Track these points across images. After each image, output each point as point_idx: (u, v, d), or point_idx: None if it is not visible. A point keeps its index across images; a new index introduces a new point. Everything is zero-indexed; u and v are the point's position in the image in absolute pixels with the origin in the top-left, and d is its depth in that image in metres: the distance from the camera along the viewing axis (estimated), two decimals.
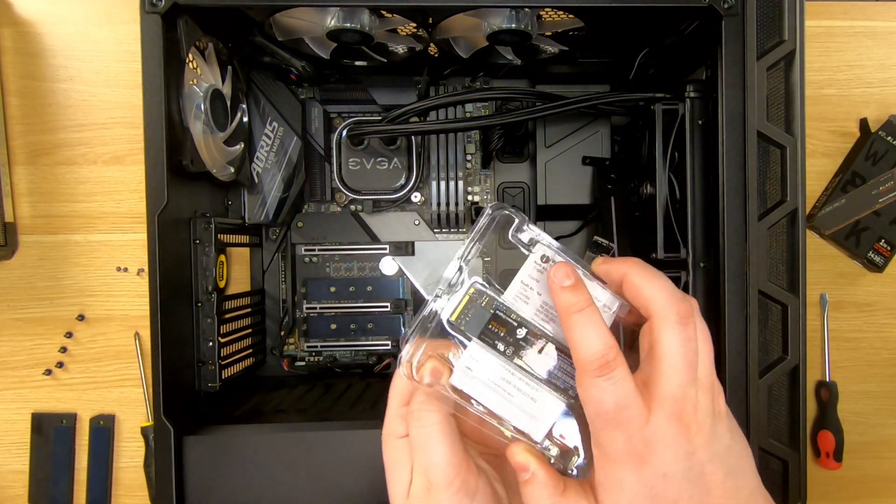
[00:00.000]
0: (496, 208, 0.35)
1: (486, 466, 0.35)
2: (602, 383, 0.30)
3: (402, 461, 0.34)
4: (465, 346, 0.34)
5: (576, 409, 0.33)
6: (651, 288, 0.32)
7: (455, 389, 0.33)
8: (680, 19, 0.51)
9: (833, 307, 0.72)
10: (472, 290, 0.34)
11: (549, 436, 0.33)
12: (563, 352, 0.34)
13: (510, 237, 0.35)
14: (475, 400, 0.33)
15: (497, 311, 0.34)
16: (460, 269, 0.34)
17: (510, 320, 0.34)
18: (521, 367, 0.33)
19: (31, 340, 0.68)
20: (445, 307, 0.34)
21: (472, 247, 0.34)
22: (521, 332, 0.34)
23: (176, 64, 0.48)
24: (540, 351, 0.33)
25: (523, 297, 0.34)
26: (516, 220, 0.35)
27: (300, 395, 0.60)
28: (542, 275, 0.34)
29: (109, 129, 0.68)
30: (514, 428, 0.33)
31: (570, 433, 0.34)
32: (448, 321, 0.34)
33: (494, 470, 0.36)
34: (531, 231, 0.35)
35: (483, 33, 0.53)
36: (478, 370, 0.33)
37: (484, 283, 0.34)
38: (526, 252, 0.34)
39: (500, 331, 0.34)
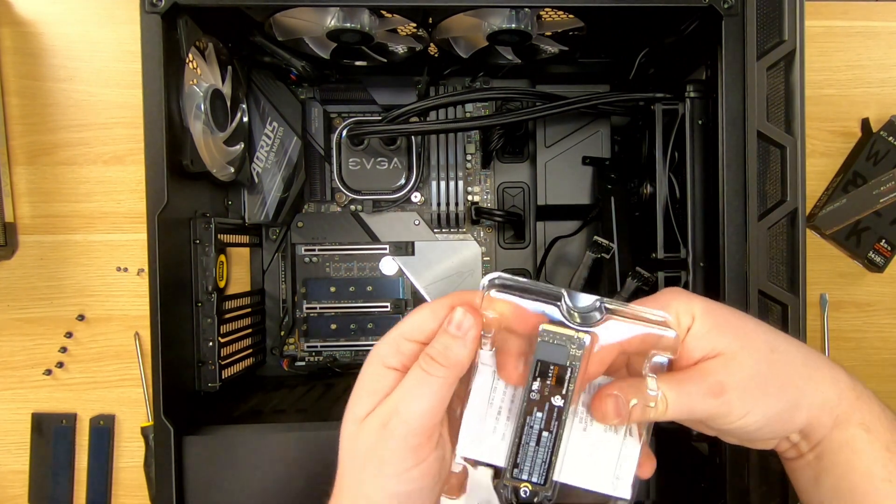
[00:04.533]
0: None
1: (446, 438, 0.34)
2: None
3: (376, 389, 0.33)
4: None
5: None
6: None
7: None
8: (680, 19, 0.51)
9: (833, 307, 0.72)
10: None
11: None
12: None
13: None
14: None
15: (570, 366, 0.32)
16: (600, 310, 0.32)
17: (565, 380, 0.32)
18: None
19: (31, 340, 0.68)
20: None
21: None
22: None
23: (176, 64, 0.48)
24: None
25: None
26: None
27: (300, 395, 0.60)
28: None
29: (109, 129, 0.68)
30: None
31: None
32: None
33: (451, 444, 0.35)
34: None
35: (483, 33, 0.53)
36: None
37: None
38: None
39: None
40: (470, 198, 0.68)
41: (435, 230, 0.68)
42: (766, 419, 0.33)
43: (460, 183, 0.67)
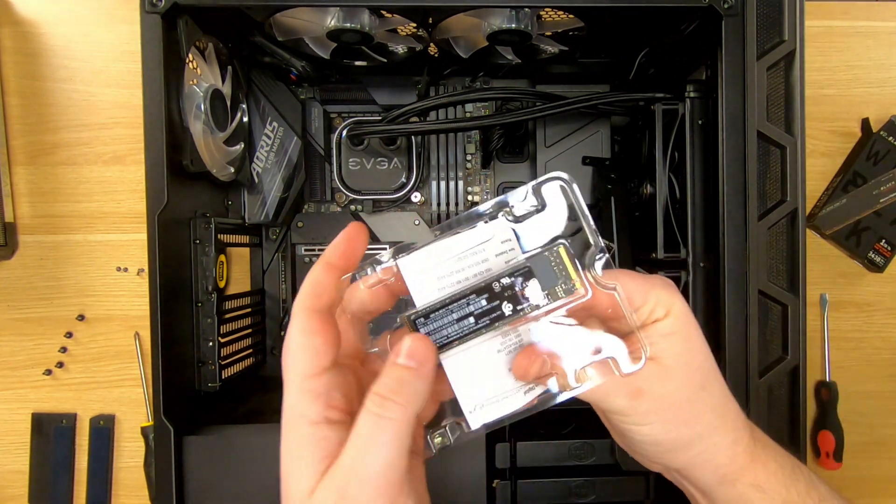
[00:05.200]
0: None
1: (416, 473, 0.30)
2: None
3: (309, 454, 0.28)
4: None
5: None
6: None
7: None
8: (680, 19, 0.51)
9: (833, 307, 0.72)
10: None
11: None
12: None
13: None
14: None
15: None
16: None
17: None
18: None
19: (31, 340, 0.68)
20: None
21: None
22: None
23: (176, 64, 0.48)
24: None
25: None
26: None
27: None
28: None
29: (109, 129, 0.68)
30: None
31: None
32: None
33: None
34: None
35: (483, 33, 0.53)
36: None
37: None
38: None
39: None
40: (470, 198, 0.68)
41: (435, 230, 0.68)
42: (657, 440, 0.33)
43: (460, 183, 0.67)
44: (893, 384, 0.72)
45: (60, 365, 0.68)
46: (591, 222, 0.31)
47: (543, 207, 0.31)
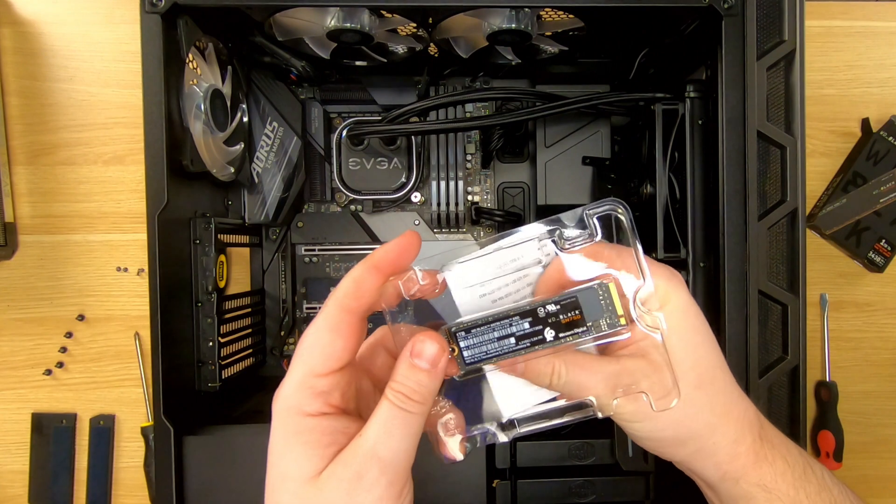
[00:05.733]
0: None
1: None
2: None
3: (313, 440, 0.28)
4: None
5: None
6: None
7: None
8: (680, 19, 0.51)
9: (833, 307, 0.72)
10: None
11: None
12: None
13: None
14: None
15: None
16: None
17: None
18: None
19: (31, 340, 0.68)
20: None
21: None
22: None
23: (176, 64, 0.48)
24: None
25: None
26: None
27: None
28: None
29: (109, 129, 0.68)
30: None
31: None
32: None
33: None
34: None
35: (483, 33, 0.53)
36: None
37: None
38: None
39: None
40: (470, 198, 0.68)
41: (435, 230, 0.68)
42: (651, 437, 0.33)
43: (460, 183, 0.67)
44: (893, 384, 0.72)
45: (60, 365, 0.68)
46: (642, 257, 0.31)
47: (595, 234, 0.31)
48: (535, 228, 0.31)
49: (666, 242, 0.55)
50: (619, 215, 0.31)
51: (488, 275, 0.31)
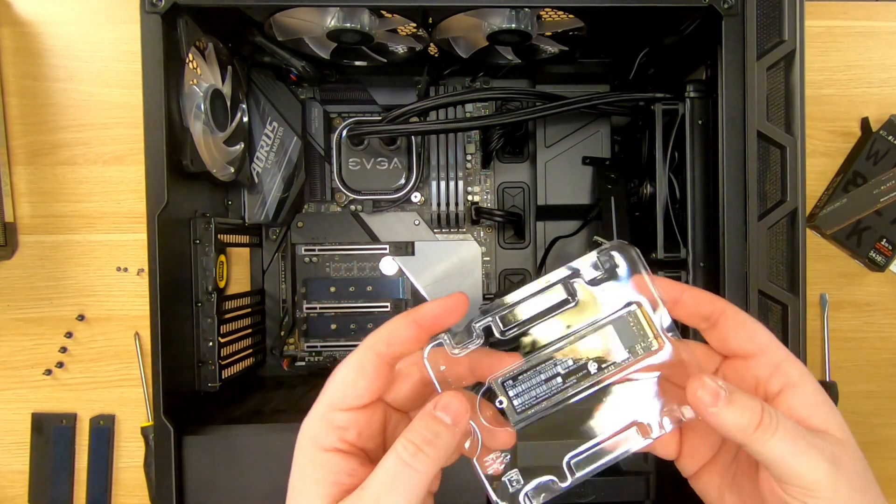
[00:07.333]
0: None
1: None
2: None
3: (320, 476, 0.28)
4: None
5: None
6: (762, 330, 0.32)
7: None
8: (680, 19, 0.51)
9: (833, 307, 0.72)
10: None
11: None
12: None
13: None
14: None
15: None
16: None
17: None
18: None
19: (31, 340, 0.68)
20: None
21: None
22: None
23: (176, 64, 0.48)
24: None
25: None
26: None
27: (300, 395, 0.60)
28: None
29: (109, 129, 0.68)
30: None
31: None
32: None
33: None
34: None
35: (483, 33, 0.53)
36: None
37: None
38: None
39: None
40: (470, 198, 0.68)
41: (435, 230, 0.68)
42: None
43: (460, 183, 0.67)
44: (893, 384, 0.72)
45: (60, 365, 0.68)
46: (653, 288, 0.32)
47: (613, 271, 0.32)
48: (555, 275, 0.32)
49: (666, 242, 0.55)
50: (625, 253, 0.32)
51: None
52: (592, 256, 0.32)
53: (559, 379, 0.31)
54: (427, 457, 0.27)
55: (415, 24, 0.53)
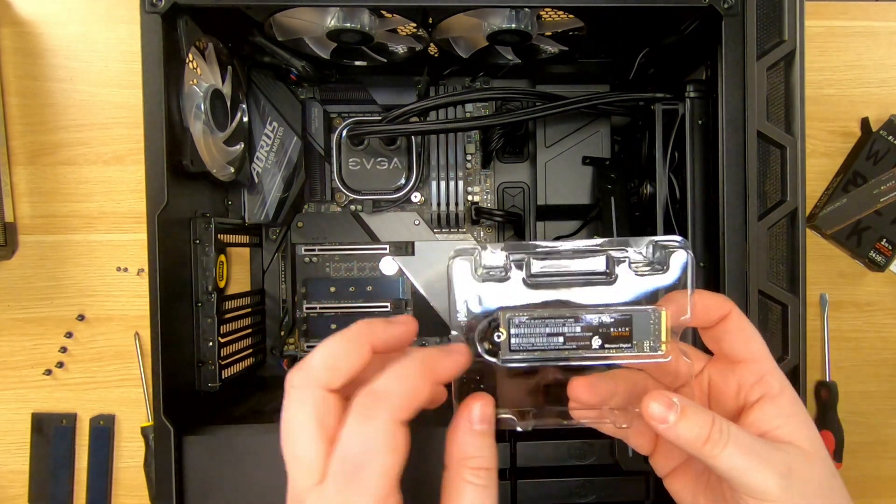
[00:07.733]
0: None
1: None
2: None
3: (319, 422, 0.30)
4: None
5: None
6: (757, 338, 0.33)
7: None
8: (680, 19, 0.51)
9: (833, 307, 0.72)
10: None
11: None
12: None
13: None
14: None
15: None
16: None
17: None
18: None
19: (31, 340, 0.68)
20: None
21: None
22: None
23: (176, 64, 0.48)
24: None
25: None
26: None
27: None
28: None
29: (109, 129, 0.68)
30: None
31: None
32: None
33: None
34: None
35: (483, 33, 0.53)
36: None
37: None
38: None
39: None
40: (470, 198, 0.68)
41: (435, 230, 0.68)
42: None
43: (460, 183, 0.67)
44: (893, 384, 0.72)
45: (60, 365, 0.68)
46: (690, 307, 0.33)
47: (662, 264, 0.33)
48: (608, 243, 0.33)
49: None
50: (688, 259, 0.33)
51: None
52: (648, 244, 0.33)
53: (561, 339, 0.32)
54: (492, 469, 0.30)
55: (415, 24, 0.53)
